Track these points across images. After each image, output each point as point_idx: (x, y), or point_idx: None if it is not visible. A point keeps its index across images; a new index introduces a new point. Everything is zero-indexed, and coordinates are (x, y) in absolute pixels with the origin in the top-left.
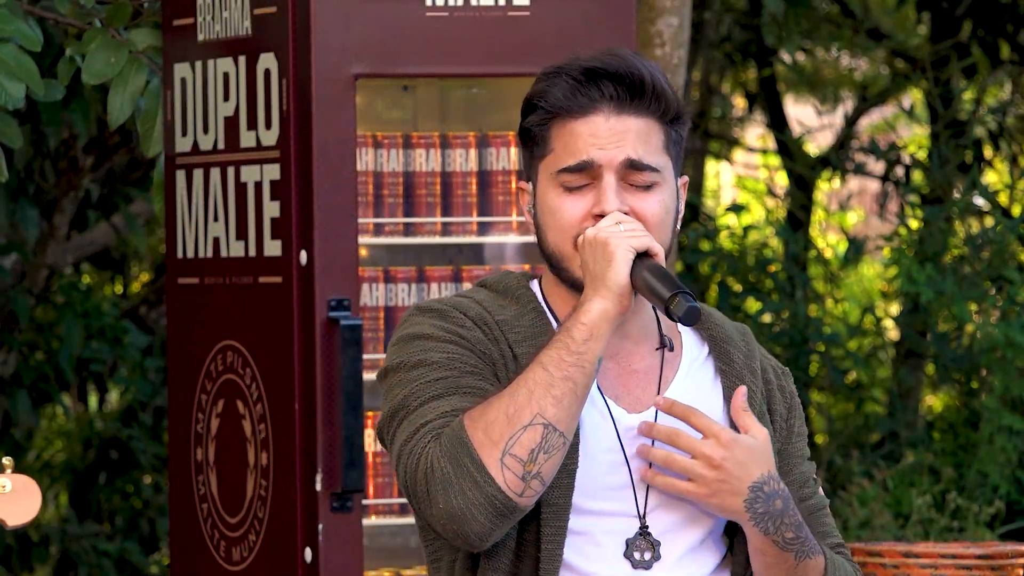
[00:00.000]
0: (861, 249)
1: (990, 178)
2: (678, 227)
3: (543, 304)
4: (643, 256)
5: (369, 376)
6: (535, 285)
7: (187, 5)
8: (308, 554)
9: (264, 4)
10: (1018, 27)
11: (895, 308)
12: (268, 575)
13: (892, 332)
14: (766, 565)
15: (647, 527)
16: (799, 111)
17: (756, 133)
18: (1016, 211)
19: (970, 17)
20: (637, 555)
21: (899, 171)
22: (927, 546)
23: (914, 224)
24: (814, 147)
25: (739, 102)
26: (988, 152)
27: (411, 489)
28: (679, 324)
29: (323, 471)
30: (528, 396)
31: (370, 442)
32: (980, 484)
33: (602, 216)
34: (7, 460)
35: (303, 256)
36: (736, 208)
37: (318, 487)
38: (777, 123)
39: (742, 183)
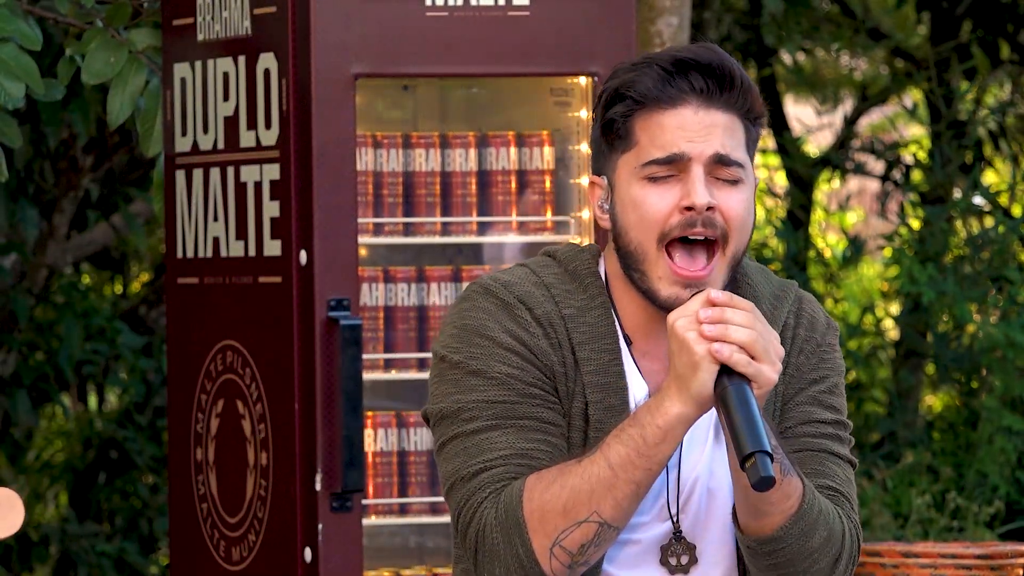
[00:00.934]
0: (861, 249)
1: (990, 178)
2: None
3: (609, 297)
4: (730, 371)
5: (369, 376)
6: (602, 268)
7: (187, 5)
8: (308, 554)
9: (264, 4)
10: (1018, 27)
11: (895, 308)
12: (268, 575)
13: (892, 332)
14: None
15: (680, 532)
16: (799, 111)
17: None
18: (1017, 211)
19: (970, 17)
20: (673, 560)
21: (900, 170)
22: (927, 546)
23: (915, 224)
24: (814, 147)
25: None
26: (988, 152)
27: (460, 536)
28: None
29: (323, 471)
30: (588, 494)
31: (370, 442)
32: (980, 484)
33: (691, 209)
34: None
35: (303, 256)
36: None
37: (318, 487)
38: (777, 123)
39: None
